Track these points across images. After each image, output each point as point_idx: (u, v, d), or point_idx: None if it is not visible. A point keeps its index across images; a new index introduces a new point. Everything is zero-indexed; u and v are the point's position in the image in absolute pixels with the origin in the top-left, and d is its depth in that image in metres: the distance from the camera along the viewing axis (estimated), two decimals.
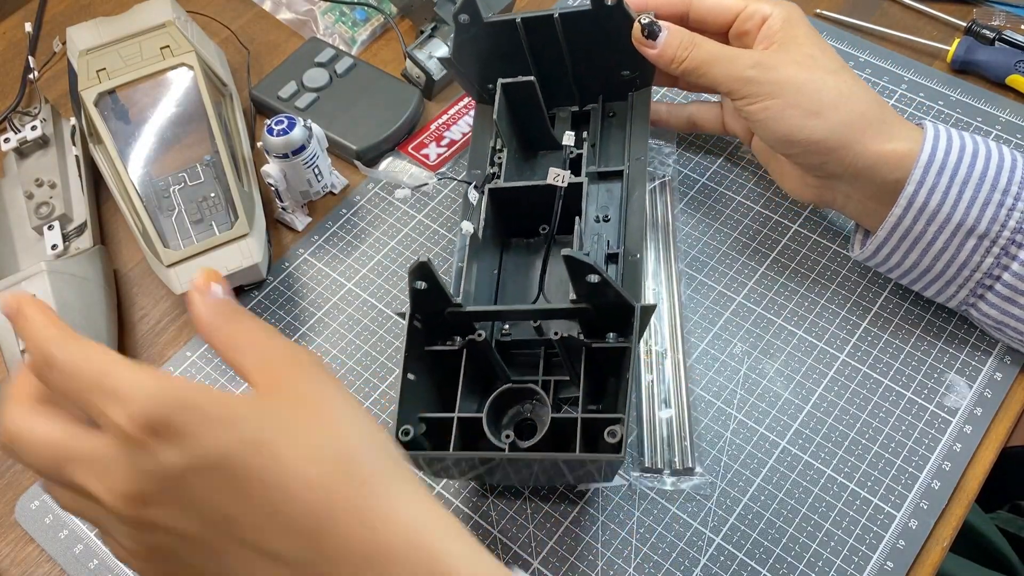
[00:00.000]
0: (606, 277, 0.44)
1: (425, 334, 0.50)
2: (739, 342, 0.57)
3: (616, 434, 0.43)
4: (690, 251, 0.61)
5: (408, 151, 0.67)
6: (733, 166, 0.64)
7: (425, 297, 0.48)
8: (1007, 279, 0.50)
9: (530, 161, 0.61)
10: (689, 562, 0.49)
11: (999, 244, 0.49)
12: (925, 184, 0.49)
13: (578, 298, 0.47)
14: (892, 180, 0.50)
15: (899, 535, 0.49)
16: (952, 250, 0.50)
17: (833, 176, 0.52)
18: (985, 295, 0.51)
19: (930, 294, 0.54)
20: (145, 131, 0.63)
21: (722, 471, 0.52)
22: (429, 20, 0.70)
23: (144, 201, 0.60)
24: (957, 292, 0.52)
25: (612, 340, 0.48)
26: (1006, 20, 0.71)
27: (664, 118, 0.63)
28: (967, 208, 0.49)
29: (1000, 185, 0.49)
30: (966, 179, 0.49)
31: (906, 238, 0.51)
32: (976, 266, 0.50)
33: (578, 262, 0.44)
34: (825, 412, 0.54)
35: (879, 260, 0.54)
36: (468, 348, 0.50)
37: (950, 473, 0.51)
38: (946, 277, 0.52)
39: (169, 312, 0.61)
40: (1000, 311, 0.51)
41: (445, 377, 0.50)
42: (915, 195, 0.50)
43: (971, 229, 0.49)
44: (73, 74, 0.65)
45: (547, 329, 0.52)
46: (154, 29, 0.66)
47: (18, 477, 0.55)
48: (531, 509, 0.51)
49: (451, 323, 0.50)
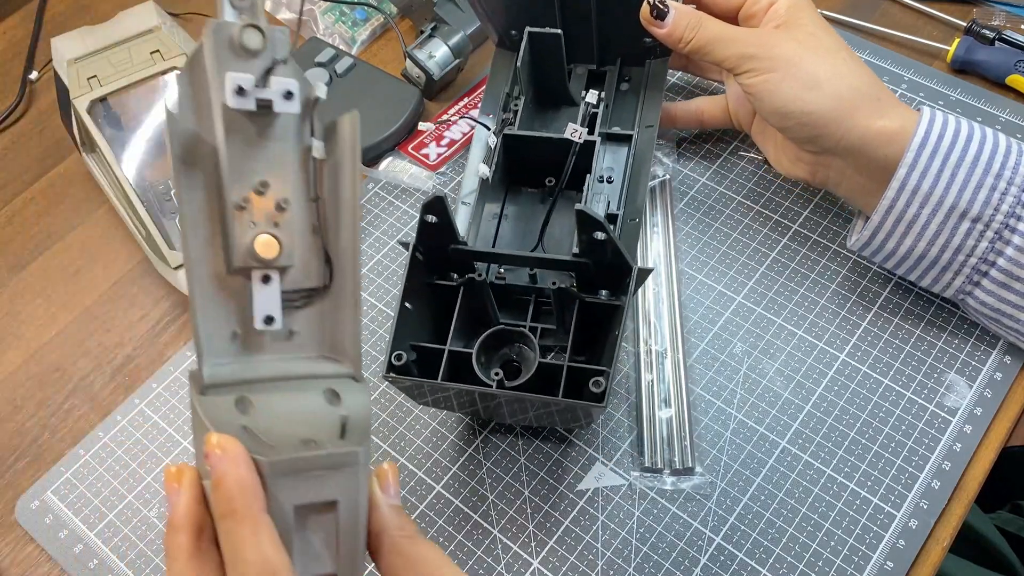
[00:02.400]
0: (612, 236, 0.46)
1: (425, 268, 0.51)
2: (739, 342, 0.57)
3: (600, 384, 0.45)
4: (690, 251, 0.61)
5: (408, 151, 0.67)
6: (733, 166, 0.65)
7: (432, 231, 0.49)
8: (1002, 264, 0.50)
9: (542, 113, 0.62)
10: (689, 562, 0.49)
11: (992, 228, 0.50)
12: (917, 167, 0.50)
13: (580, 252, 0.48)
14: (882, 156, 0.51)
15: (899, 535, 0.49)
16: (946, 234, 0.51)
17: (826, 151, 0.53)
18: (980, 282, 0.52)
19: (927, 283, 0.54)
20: (140, 136, 0.63)
21: (722, 471, 0.52)
22: (429, 20, 0.70)
23: (145, 204, 0.60)
24: (953, 279, 0.52)
25: (604, 297, 0.50)
26: (1006, 20, 0.71)
27: (673, 115, 0.64)
28: (960, 191, 0.50)
29: (993, 169, 0.50)
30: (959, 162, 0.50)
31: (900, 222, 0.51)
32: (971, 251, 0.51)
33: (589, 217, 0.45)
34: (825, 412, 0.54)
35: (875, 247, 0.54)
36: (466, 286, 0.51)
37: (950, 473, 0.51)
38: (941, 263, 0.52)
39: (169, 312, 0.61)
40: (996, 298, 0.51)
41: (439, 313, 0.51)
42: (907, 177, 0.50)
43: (964, 212, 0.50)
44: (61, 84, 0.65)
45: (541, 278, 0.53)
46: (142, 35, 0.66)
47: (18, 477, 0.55)
48: (531, 509, 0.51)
49: (451, 261, 0.51)
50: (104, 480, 0.54)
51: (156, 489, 0.54)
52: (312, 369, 0.41)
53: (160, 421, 0.56)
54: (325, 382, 0.40)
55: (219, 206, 0.40)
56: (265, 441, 0.37)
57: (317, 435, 0.38)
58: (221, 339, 0.40)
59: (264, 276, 0.41)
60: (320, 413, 0.39)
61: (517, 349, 0.51)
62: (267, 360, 0.41)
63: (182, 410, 0.57)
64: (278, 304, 0.41)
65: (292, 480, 0.36)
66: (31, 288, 0.64)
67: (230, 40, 0.39)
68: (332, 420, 0.39)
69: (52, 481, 0.54)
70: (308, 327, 0.42)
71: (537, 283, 0.53)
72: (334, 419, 0.38)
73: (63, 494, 0.54)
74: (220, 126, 0.40)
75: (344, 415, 0.39)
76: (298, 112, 0.40)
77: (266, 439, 0.37)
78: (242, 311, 0.41)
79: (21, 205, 0.68)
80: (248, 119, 0.40)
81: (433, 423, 0.55)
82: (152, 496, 0.54)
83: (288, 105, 0.40)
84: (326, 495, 0.37)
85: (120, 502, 0.53)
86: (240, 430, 0.37)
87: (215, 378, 0.39)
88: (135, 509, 0.53)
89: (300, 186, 0.41)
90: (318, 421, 0.38)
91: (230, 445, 0.35)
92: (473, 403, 0.50)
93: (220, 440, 0.35)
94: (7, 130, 0.73)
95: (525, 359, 0.51)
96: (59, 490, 0.54)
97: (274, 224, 0.41)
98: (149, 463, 0.55)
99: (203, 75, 0.40)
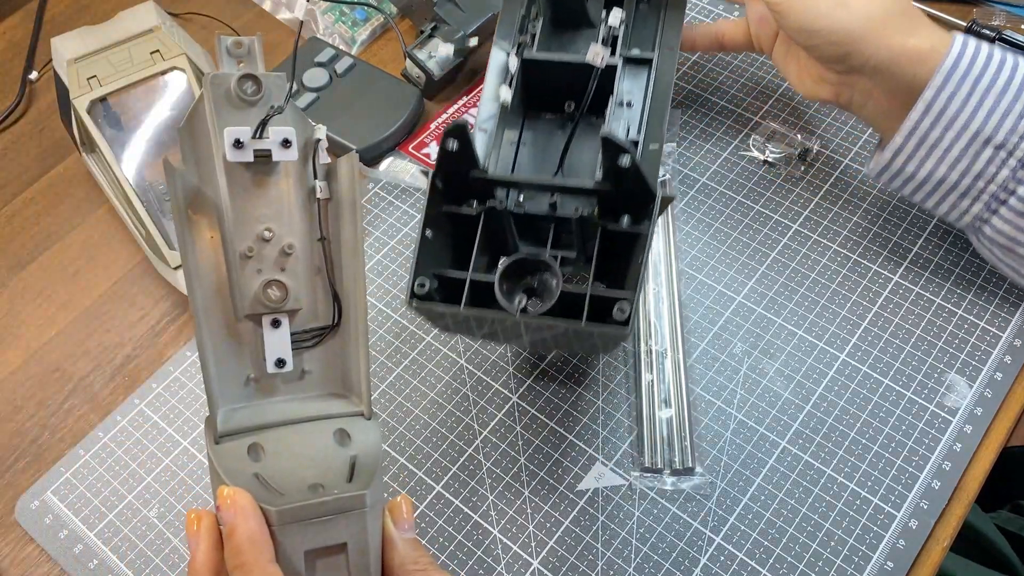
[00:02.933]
0: (637, 162, 0.45)
1: (444, 197, 0.50)
2: (739, 342, 0.57)
3: (625, 310, 0.45)
4: (690, 251, 0.61)
5: (408, 151, 0.67)
6: (733, 166, 0.65)
7: (453, 159, 0.48)
8: (1022, 193, 0.50)
9: (559, 35, 0.60)
10: (689, 562, 0.49)
11: (1016, 155, 0.49)
12: (945, 90, 0.49)
13: (603, 178, 0.48)
14: (911, 76, 0.50)
15: (899, 535, 0.49)
16: (968, 159, 0.50)
17: (853, 70, 0.52)
18: (999, 210, 0.51)
19: (943, 210, 0.54)
20: (140, 136, 0.63)
21: (722, 471, 0.52)
22: (429, 20, 0.70)
23: (145, 204, 0.60)
24: (971, 206, 0.52)
25: (627, 225, 0.49)
26: (1006, 20, 0.71)
27: (693, 38, 0.64)
28: (987, 116, 0.49)
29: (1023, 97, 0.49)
30: (988, 87, 0.49)
31: (922, 144, 0.51)
32: (991, 177, 0.50)
33: (614, 144, 0.44)
34: (825, 412, 0.54)
35: (894, 170, 0.53)
36: (486, 214, 0.50)
37: (950, 473, 0.51)
38: (960, 189, 0.51)
39: (169, 312, 0.61)
40: (1013, 227, 0.51)
41: (459, 244, 0.51)
42: (934, 100, 0.50)
43: (988, 138, 0.49)
44: (61, 84, 0.65)
45: (562, 206, 0.52)
46: (141, 35, 0.66)
47: (18, 477, 0.55)
48: (531, 509, 0.51)
49: (471, 189, 0.50)
50: (104, 480, 0.54)
51: (156, 489, 0.54)
52: (324, 409, 0.41)
53: (160, 421, 0.56)
54: (336, 422, 0.40)
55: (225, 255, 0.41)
56: (275, 488, 0.38)
57: (325, 478, 0.39)
58: (235, 384, 0.41)
59: (274, 320, 0.42)
60: (329, 455, 0.39)
61: (539, 278, 0.50)
62: (280, 402, 0.42)
63: (182, 410, 0.57)
64: (288, 347, 0.42)
65: (301, 526, 0.37)
66: (31, 288, 0.64)
67: (227, 92, 0.40)
68: (341, 462, 0.39)
69: (52, 481, 0.54)
70: (320, 366, 0.42)
71: (557, 211, 0.52)
72: (343, 460, 0.39)
73: (63, 494, 0.54)
74: (223, 179, 0.40)
75: (353, 455, 0.39)
76: (296, 159, 0.40)
77: (276, 485, 0.38)
78: (254, 355, 0.42)
79: (21, 205, 0.68)
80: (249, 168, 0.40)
81: (433, 423, 0.55)
82: (152, 496, 0.54)
83: (286, 153, 0.40)
84: (335, 538, 0.37)
85: (120, 502, 0.53)
86: (251, 479, 0.38)
87: (229, 425, 0.40)
88: (135, 509, 0.53)
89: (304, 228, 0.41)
90: (327, 464, 0.39)
91: (240, 498, 0.36)
92: (494, 331, 0.49)
93: (231, 493, 0.36)
94: (7, 130, 0.73)
95: (547, 288, 0.50)
96: (59, 490, 0.54)
97: (280, 269, 0.41)
98: (149, 463, 0.55)
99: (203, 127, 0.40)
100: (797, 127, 0.66)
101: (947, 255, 0.59)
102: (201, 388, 0.57)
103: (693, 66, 0.70)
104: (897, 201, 0.62)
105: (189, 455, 0.55)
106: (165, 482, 0.54)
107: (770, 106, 0.67)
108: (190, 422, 0.56)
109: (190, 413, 0.56)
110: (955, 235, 0.60)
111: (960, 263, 0.59)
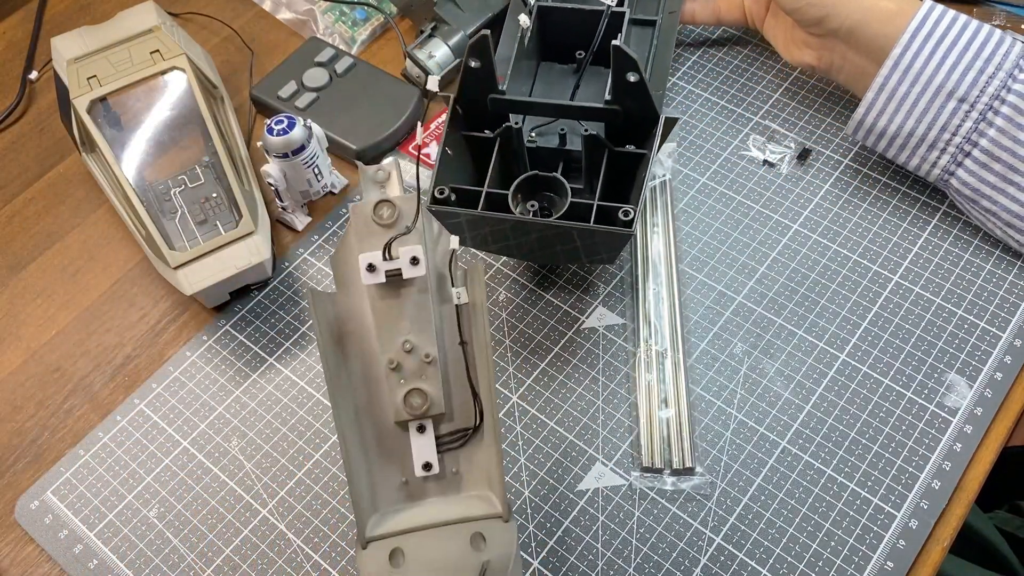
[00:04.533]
0: (644, 78, 0.49)
1: (463, 123, 0.55)
2: (739, 342, 0.57)
3: (629, 213, 0.49)
4: (690, 251, 0.61)
5: (408, 151, 0.67)
6: (733, 166, 0.65)
7: (474, 78, 0.52)
8: (984, 144, 0.55)
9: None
10: (689, 562, 0.49)
11: (977, 108, 0.54)
12: (911, 47, 0.55)
13: (612, 98, 0.52)
14: (882, 35, 0.56)
15: (899, 535, 0.49)
16: (933, 112, 0.55)
17: (831, 32, 0.59)
18: (963, 162, 0.56)
19: (915, 163, 0.58)
20: (140, 136, 0.63)
21: (722, 471, 0.52)
22: (429, 20, 0.70)
23: (145, 204, 0.60)
24: (939, 158, 0.57)
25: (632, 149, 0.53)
26: (1006, 20, 0.71)
27: (693, 12, 0.69)
28: (948, 71, 0.55)
29: (984, 54, 0.54)
30: (951, 46, 0.55)
31: (892, 99, 0.56)
32: (955, 129, 0.55)
33: (625, 54, 0.48)
34: (825, 412, 0.54)
35: (868, 126, 0.58)
36: (502, 136, 0.55)
37: (950, 473, 0.51)
38: (928, 140, 0.56)
39: (169, 312, 0.61)
40: (977, 178, 0.56)
41: (476, 167, 0.56)
42: (901, 56, 0.55)
43: (951, 92, 0.55)
44: (61, 84, 0.65)
45: (571, 141, 0.57)
46: (141, 35, 0.66)
47: (18, 477, 0.55)
48: (531, 509, 0.51)
49: (488, 114, 0.54)
50: (104, 480, 0.54)
51: (156, 489, 0.54)
52: (466, 511, 0.44)
53: (160, 421, 0.56)
54: (475, 525, 0.43)
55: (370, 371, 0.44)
56: None
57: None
58: (388, 489, 0.44)
59: (419, 427, 0.44)
60: (463, 560, 0.41)
61: (549, 198, 0.54)
62: (428, 504, 0.44)
63: (182, 410, 0.57)
64: (434, 451, 0.44)
65: None
66: (31, 288, 0.64)
67: (366, 219, 0.44)
68: (473, 566, 0.41)
69: (52, 481, 0.54)
70: (466, 466, 0.45)
71: (566, 145, 0.57)
72: (475, 565, 0.41)
73: (63, 494, 0.54)
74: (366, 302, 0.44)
75: (486, 560, 0.41)
76: (424, 274, 0.43)
77: None
78: (403, 461, 0.44)
79: (21, 205, 0.68)
80: (386, 287, 0.43)
81: None
82: (152, 496, 0.54)
83: (416, 270, 0.43)
84: None
85: (120, 502, 0.53)
86: None
87: (376, 531, 0.43)
88: (135, 509, 0.53)
89: (437, 336, 0.44)
90: (460, 569, 0.41)
91: None
92: (506, 237, 0.53)
93: None
94: (7, 130, 0.73)
95: (556, 205, 0.54)
96: (59, 490, 0.54)
97: (422, 378, 0.44)
98: (149, 463, 0.55)
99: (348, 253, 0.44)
100: (797, 127, 0.66)
101: (947, 255, 0.59)
102: (201, 388, 0.57)
103: (693, 66, 0.70)
104: (897, 201, 0.62)
105: (189, 455, 0.55)
106: (165, 482, 0.54)
107: (770, 106, 0.68)
108: (190, 422, 0.56)
109: (190, 413, 0.56)
110: (955, 235, 0.60)
111: (960, 263, 0.59)
